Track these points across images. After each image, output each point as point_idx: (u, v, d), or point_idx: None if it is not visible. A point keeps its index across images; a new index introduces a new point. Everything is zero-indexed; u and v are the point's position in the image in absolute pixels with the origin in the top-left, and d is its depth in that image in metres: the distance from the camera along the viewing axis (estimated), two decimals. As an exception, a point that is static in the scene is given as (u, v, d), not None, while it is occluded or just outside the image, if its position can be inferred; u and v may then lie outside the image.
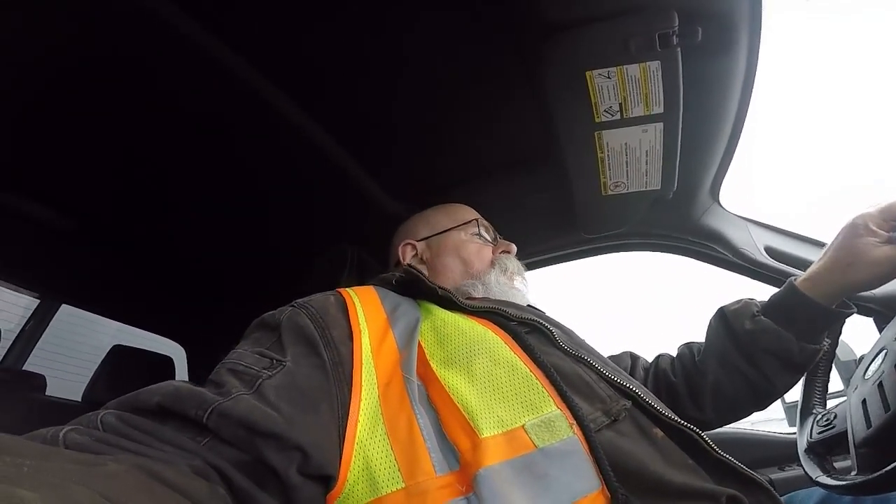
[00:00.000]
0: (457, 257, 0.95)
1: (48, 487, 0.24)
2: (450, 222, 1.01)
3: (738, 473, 0.52)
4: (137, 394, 0.44)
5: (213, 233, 1.45)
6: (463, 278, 0.92)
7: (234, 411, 0.43)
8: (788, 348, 0.76)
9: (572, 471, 0.47)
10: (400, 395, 0.54)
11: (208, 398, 0.44)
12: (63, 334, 4.04)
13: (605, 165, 1.08)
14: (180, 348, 2.04)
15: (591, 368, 0.61)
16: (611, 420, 0.54)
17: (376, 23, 0.88)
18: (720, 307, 0.86)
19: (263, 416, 0.43)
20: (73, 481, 0.26)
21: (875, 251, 0.68)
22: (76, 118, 1.04)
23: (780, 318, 0.77)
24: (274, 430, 0.43)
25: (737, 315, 0.82)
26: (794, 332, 0.76)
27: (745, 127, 1.02)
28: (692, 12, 0.78)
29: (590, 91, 0.90)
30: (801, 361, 0.77)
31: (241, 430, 0.42)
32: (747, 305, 0.82)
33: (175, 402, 0.43)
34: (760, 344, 0.77)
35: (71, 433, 0.36)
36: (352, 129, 1.13)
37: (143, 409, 0.43)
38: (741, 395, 0.82)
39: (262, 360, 0.52)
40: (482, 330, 0.64)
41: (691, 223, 1.31)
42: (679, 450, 0.53)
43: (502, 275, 0.91)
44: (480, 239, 0.99)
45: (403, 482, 0.46)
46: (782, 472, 1.21)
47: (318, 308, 0.61)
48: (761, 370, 0.78)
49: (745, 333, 0.79)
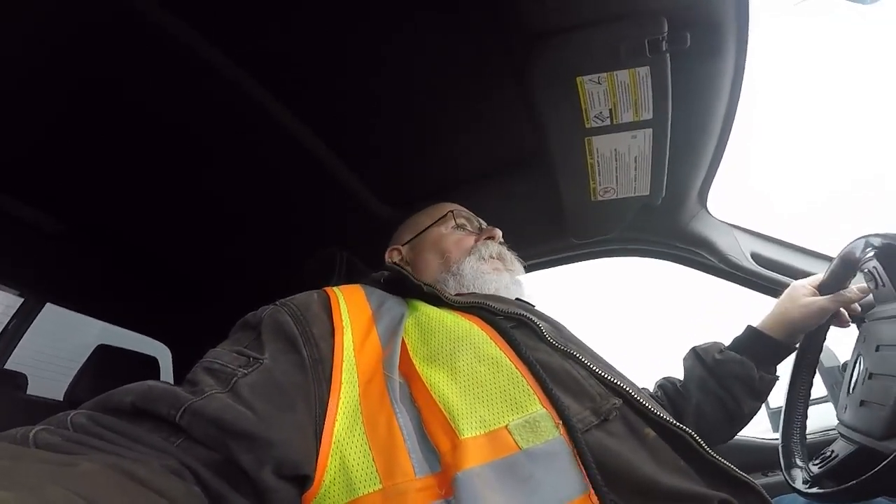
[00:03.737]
0: (435, 252, 0.95)
1: (22, 487, 0.23)
2: (428, 220, 1.02)
3: (730, 476, 0.51)
4: (111, 394, 0.43)
5: (201, 234, 1.44)
6: (439, 272, 0.91)
7: (206, 410, 0.42)
8: (750, 374, 0.90)
9: (558, 473, 0.45)
10: (380, 394, 0.53)
11: (181, 397, 0.43)
12: (46, 333, 3.98)
13: (594, 171, 1.08)
14: (165, 349, 2.01)
15: (580, 364, 0.59)
16: (600, 420, 0.52)
17: (366, 24, 0.88)
18: (692, 347, 0.99)
19: (235, 415, 0.43)
20: (47, 481, 0.25)
21: (804, 299, 0.89)
22: (63, 120, 1.03)
23: (741, 350, 0.93)
24: (246, 430, 0.42)
25: (706, 350, 0.96)
26: (755, 361, 0.91)
27: (732, 133, 1.03)
28: (681, 19, 0.79)
29: (580, 96, 0.91)
30: (761, 388, 0.91)
31: (213, 429, 0.42)
32: (715, 344, 0.97)
33: (148, 401, 0.42)
34: (728, 370, 0.91)
35: (41, 433, 0.36)
36: (340, 133, 1.13)
37: (116, 409, 0.42)
38: (719, 417, 0.92)
39: (239, 358, 0.51)
40: (467, 325, 0.63)
41: (679, 229, 1.32)
42: (671, 451, 0.51)
43: (479, 262, 0.90)
44: (460, 230, 0.98)
45: (381, 483, 0.44)
46: (765, 478, 1.21)
47: (299, 305, 0.60)
48: (731, 393, 0.90)
49: (715, 362, 0.93)
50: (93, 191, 1.26)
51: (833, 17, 6.65)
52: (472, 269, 0.88)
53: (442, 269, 0.91)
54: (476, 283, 0.86)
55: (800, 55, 7.63)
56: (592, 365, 0.59)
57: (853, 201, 6.22)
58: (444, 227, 0.99)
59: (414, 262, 0.97)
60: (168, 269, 1.62)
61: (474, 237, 0.96)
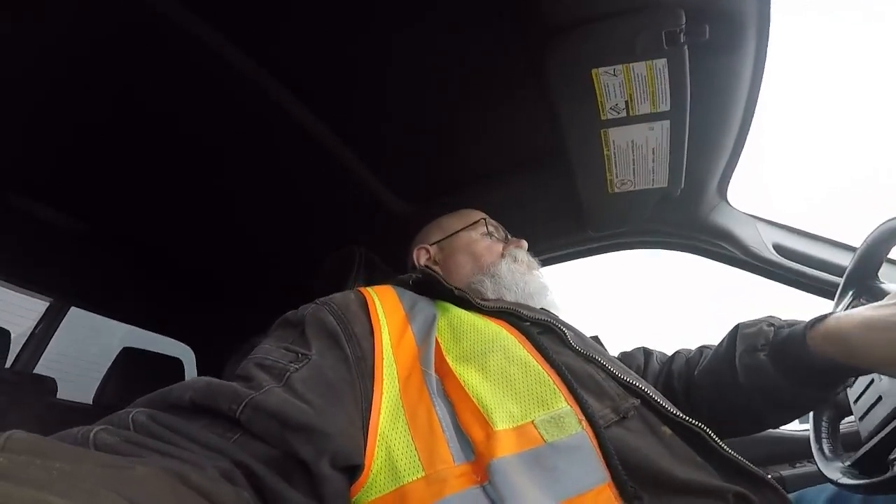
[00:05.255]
0: (467, 254, 0.99)
1: (77, 492, 0.24)
2: (460, 224, 1.05)
3: (746, 471, 0.53)
4: (171, 389, 0.45)
5: (222, 235, 1.46)
6: (474, 273, 0.94)
7: (267, 404, 0.44)
8: (787, 398, 0.68)
9: (580, 464, 0.48)
10: (419, 388, 0.56)
11: (241, 392, 0.45)
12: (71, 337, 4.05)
13: (611, 163, 1.08)
14: (188, 350, 2.05)
15: (601, 368, 0.62)
16: (620, 417, 0.55)
17: (382, 22, 0.89)
18: (738, 325, 0.76)
19: (295, 409, 0.45)
20: (101, 486, 0.26)
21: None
22: (87, 122, 1.05)
23: (780, 363, 0.67)
24: (306, 422, 0.44)
25: (745, 339, 0.72)
26: (792, 381, 0.66)
27: (752, 125, 1.02)
28: (700, 10, 0.78)
29: (596, 89, 0.90)
30: (798, 406, 0.70)
31: (274, 423, 0.43)
32: (755, 336, 0.71)
33: (207, 397, 0.44)
34: (754, 382, 0.69)
35: (101, 433, 0.37)
36: (357, 131, 1.13)
37: (175, 405, 0.44)
38: (732, 419, 0.75)
39: (289, 353, 0.54)
40: (497, 329, 0.66)
41: (699, 221, 1.30)
42: (687, 447, 0.53)
43: (514, 263, 0.94)
44: (490, 237, 1.02)
45: (423, 471, 0.47)
46: (793, 469, 1.20)
47: (339, 305, 0.63)
48: (752, 406, 0.72)
49: (743, 367, 0.71)
50: (116, 193, 1.29)
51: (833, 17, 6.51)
52: (509, 270, 0.92)
53: (476, 270, 0.95)
54: (517, 283, 0.89)
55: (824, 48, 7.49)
56: (612, 368, 0.63)
57: (852, 198, 6.10)
58: (475, 232, 1.03)
59: (444, 263, 1.01)
60: (190, 271, 1.65)
61: (501, 245, 1.00)
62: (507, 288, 0.89)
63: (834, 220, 1.00)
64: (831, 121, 7.65)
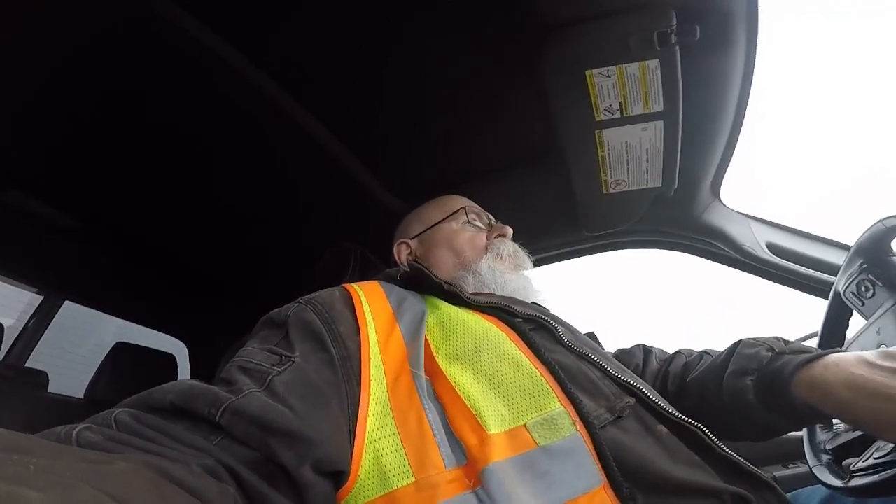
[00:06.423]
0: (448, 249, 0.94)
1: (54, 487, 0.24)
2: (439, 214, 1.00)
3: (743, 471, 0.52)
4: (151, 392, 0.44)
5: (217, 231, 1.46)
6: (455, 269, 0.90)
7: (246, 409, 0.43)
8: (765, 424, 0.66)
9: (574, 468, 0.47)
10: (409, 390, 0.54)
11: (221, 396, 0.43)
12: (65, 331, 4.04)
13: (605, 163, 1.08)
14: (181, 346, 2.05)
15: (595, 366, 0.61)
16: (615, 417, 0.53)
17: (377, 19, 0.89)
18: (740, 341, 0.73)
19: (276, 413, 0.43)
20: (80, 480, 0.25)
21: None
22: (81, 117, 1.04)
23: (762, 393, 0.65)
24: (287, 427, 0.43)
25: (738, 360, 0.70)
26: (772, 412, 0.64)
27: (744, 124, 1.02)
28: (690, 11, 0.79)
29: (590, 90, 0.90)
30: (776, 430, 0.68)
31: (254, 428, 0.42)
32: (749, 360, 0.68)
33: (188, 400, 0.43)
34: (735, 404, 0.68)
35: (84, 431, 0.36)
36: (353, 128, 1.13)
37: (156, 407, 0.43)
38: (713, 431, 0.67)
39: (272, 356, 0.52)
40: (487, 326, 0.64)
41: (693, 220, 1.31)
42: (684, 447, 0.52)
43: (496, 260, 0.89)
44: (472, 227, 0.97)
45: (413, 476, 0.46)
46: (786, 470, 1.20)
47: (323, 303, 0.61)
48: (730, 425, 0.70)
49: (728, 388, 0.69)
50: (111, 189, 1.28)
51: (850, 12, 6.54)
52: (490, 269, 0.87)
53: (458, 266, 0.90)
54: (497, 282, 0.85)
55: (815, 47, 7.52)
56: (607, 366, 0.60)
57: (846, 198, 6.12)
58: (456, 222, 0.98)
59: (425, 258, 0.96)
60: (185, 267, 1.64)
61: (486, 234, 0.96)
62: (487, 287, 0.85)
63: (828, 220, 1.00)
64: (830, 121, 7.69)
